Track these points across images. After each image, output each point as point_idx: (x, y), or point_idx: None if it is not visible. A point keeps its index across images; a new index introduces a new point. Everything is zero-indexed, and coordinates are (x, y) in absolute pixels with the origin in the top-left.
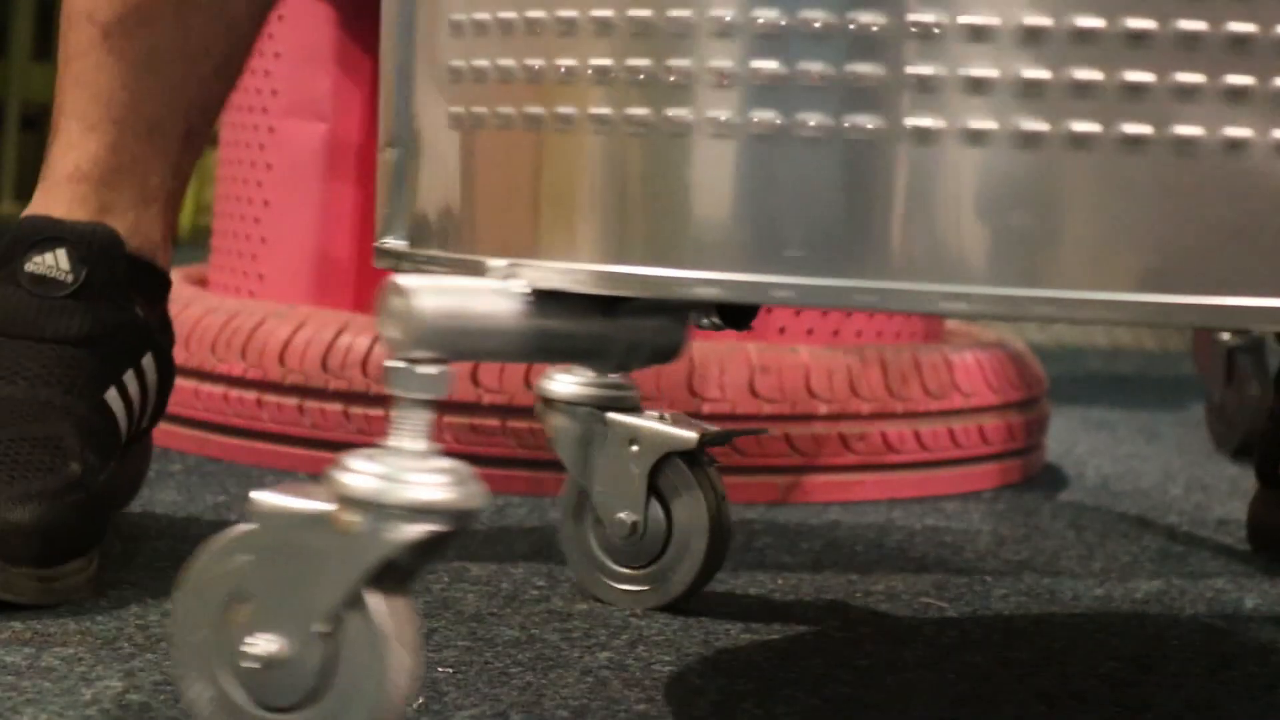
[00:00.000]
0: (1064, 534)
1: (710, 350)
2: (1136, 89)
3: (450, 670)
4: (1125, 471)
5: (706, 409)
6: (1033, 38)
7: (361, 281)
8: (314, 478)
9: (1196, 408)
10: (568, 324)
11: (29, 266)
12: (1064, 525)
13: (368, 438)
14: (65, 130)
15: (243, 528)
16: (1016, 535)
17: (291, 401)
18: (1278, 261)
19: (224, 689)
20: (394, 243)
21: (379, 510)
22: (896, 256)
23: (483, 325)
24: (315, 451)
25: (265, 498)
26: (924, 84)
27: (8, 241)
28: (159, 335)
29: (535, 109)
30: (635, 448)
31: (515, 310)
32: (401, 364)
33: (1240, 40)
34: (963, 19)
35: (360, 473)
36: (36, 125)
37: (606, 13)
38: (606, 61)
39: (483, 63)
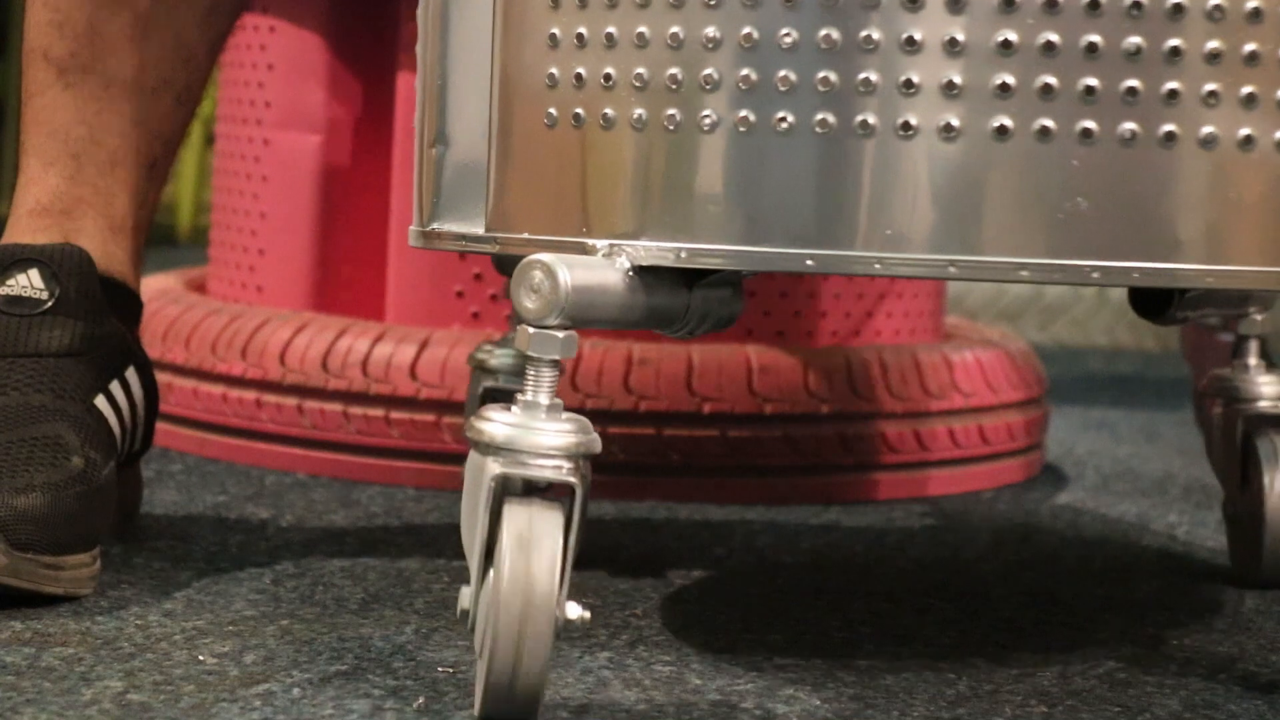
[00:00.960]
0: (1064, 534)
1: (710, 350)
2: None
3: (450, 670)
4: (1125, 471)
5: (706, 409)
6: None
7: (360, 290)
8: (314, 478)
9: None
10: (661, 295)
11: (3, 290)
12: (1064, 525)
13: (367, 438)
14: (26, 168)
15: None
16: (1016, 535)
17: (291, 402)
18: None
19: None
20: (450, 227)
21: (509, 453)
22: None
23: (603, 297)
24: (315, 452)
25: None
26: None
27: None
28: (140, 349)
29: (640, 111)
30: None
31: (625, 283)
32: (537, 330)
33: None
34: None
35: (495, 421)
36: None
37: (716, 33)
38: (708, 70)
39: (582, 70)
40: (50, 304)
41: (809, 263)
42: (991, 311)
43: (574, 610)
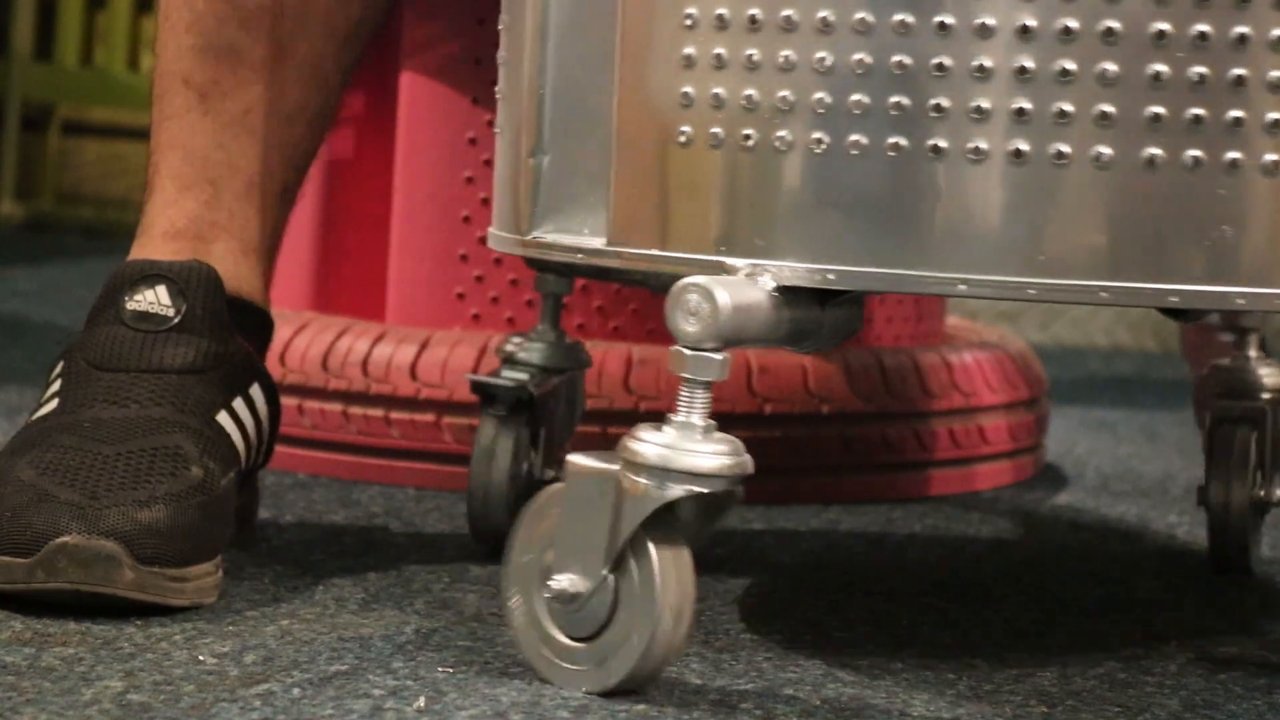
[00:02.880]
0: (1064, 534)
1: None
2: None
3: (450, 670)
4: (1125, 471)
5: None
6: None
7: (360, 290)
8: (314, 478)
9: None
10: (800, 314)
11: (130, 304)
12: (1064, 525)
13: (367, 438)
14: (161, 189)
15: (558, 485)
16: (1016, 535)
17: (291, 402)
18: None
19: (535, 610)
20: (556, 238)
21: (660, 474)
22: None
23: (752, 317)
24: (315, 452)
25: (574, 458)
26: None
27: (107, 284)
28: (264, 368)
29: (785, 134)
30: None
31: (770, 303)
32: (695, 352)
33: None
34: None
35: (647, 441)
36: (36, 125)
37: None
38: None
39: (721, 91)
40: (176, 321)
41: (961, 287)
42: (991, 312)
43: None
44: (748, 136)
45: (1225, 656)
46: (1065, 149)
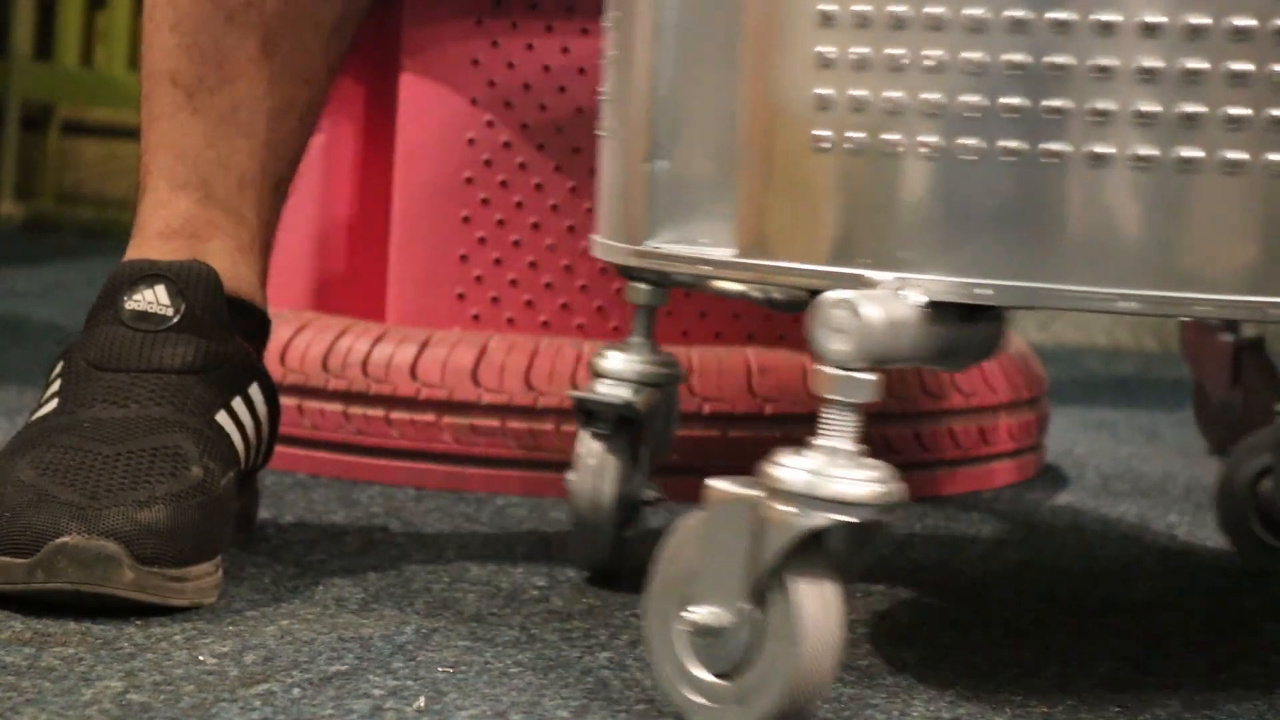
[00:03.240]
0: (1064, 534)
1: (710, 351)
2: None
3: (450, 670)
4: (1125, 471)
5: (707, 409)
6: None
7: (360, 290)
8: (314, 478)
9: None
10: (947, 330)
11: (129, 304)
12: (1064, 525)
13: (367, 438)
14: (154, 189)
15: (699, 513)
16: (1016, 535)
17: (291, 402)
18: None
19: (674, 643)
20: (678, 248)
21: (806, 501)
22: None
23: (904, 334)
24: (315, 452)
25: (714, 484)
26: None
27: (106, 284)
28: (263, 367)
29: (935, 139)
30: None
31: (919, 320)
32: (841, 372)
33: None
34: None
35: (790, 467)
36: (37, 125)
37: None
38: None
39: (863, 93)
40: (175, 321)
41: (1132, 304)
42: None
43: None
44: (893, 142)
45: (1225, 657)
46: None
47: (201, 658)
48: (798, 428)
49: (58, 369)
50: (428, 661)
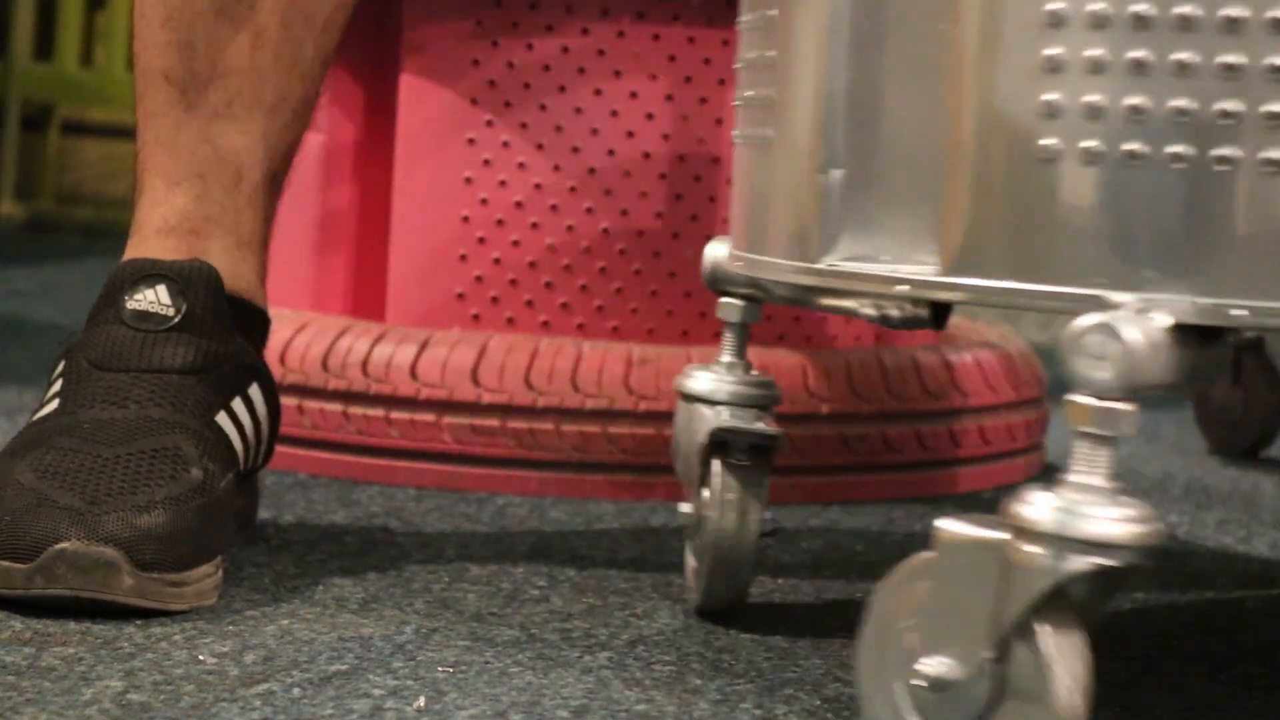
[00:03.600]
0: None
1: (710, 351)
2: None
3: (450, 670)
4: (1125, 471)
5: None
6: None
7: (360, 290)
8: (314, 478)
9: None
10: (1191, 355)
11: (130, 304)
12: None
13: (367, 438)
14: (150, 187)
15: (925, 555)
16: None
17: (291, 402)
18: None
19: (894, 697)
20: (859, 266)
21: (1058, 542)
22: None
23: (1159, 359)
24: (315, 452)
25: (946, 526)
26: None
27: (107, 284)
28: (265, 368)
29: (1181, 148)
30: None
31: (1169, 345)
32: (1099, 403)
33: None
34: None
35: (1040, 505)
36: (37, 125)
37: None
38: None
39: (1099, 99)
40: (176, 320)
41: None
42: (992, 311)
43: None
44: (1133, 153)
45: (1225, 657)
46: None
47: (201, 657)
48: (797, 427)
49: (60, 369)
50: (428, 661)
